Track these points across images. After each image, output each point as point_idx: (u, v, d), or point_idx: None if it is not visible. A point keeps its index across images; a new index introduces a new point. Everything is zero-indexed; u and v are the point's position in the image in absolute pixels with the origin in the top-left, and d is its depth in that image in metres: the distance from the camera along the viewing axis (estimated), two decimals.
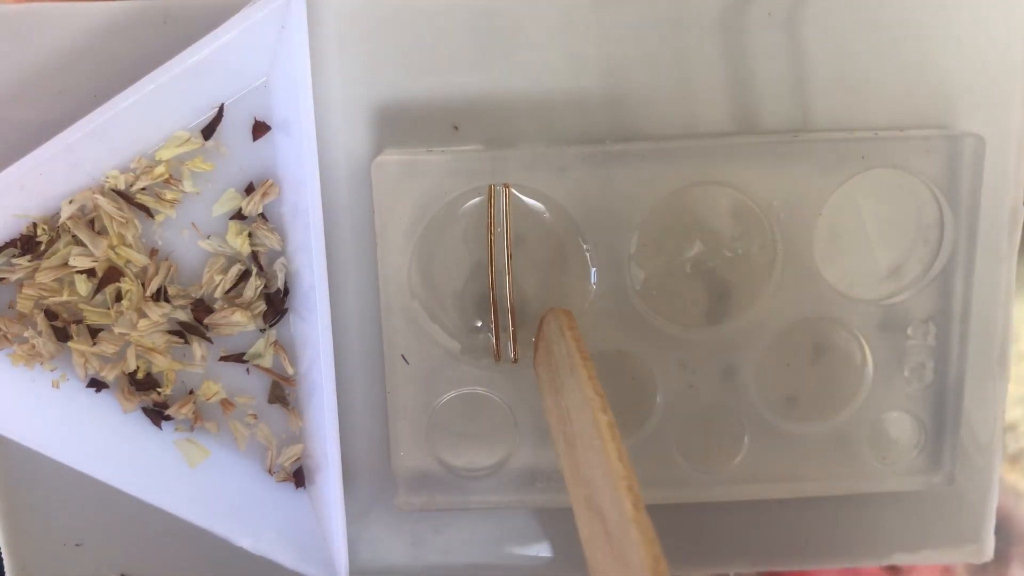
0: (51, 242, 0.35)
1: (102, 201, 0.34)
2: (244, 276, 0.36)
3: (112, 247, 0.35)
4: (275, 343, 0.36)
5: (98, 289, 0.35)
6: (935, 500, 0.37)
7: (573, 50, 0.35)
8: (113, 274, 0.35)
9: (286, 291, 0.36)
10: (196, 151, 0.35)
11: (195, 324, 0.36)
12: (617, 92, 0.35)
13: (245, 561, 0.37)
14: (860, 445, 0.36)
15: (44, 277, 0.35)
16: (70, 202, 0.34)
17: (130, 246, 0.35)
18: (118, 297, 0.35)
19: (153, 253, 0.35)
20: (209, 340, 0.36)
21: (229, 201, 0.35)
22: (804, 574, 0.41)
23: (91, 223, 0.35)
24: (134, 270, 0.35)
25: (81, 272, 0.35)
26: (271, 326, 0.36)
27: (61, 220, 0.34)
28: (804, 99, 0.35)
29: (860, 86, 0.35)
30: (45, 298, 0.35)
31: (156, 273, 0.35)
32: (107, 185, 0.34)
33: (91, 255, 0.35)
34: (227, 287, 0.36)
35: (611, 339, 0.35)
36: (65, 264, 0.35)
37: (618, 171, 0.34)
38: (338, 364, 0.35)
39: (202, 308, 0.36)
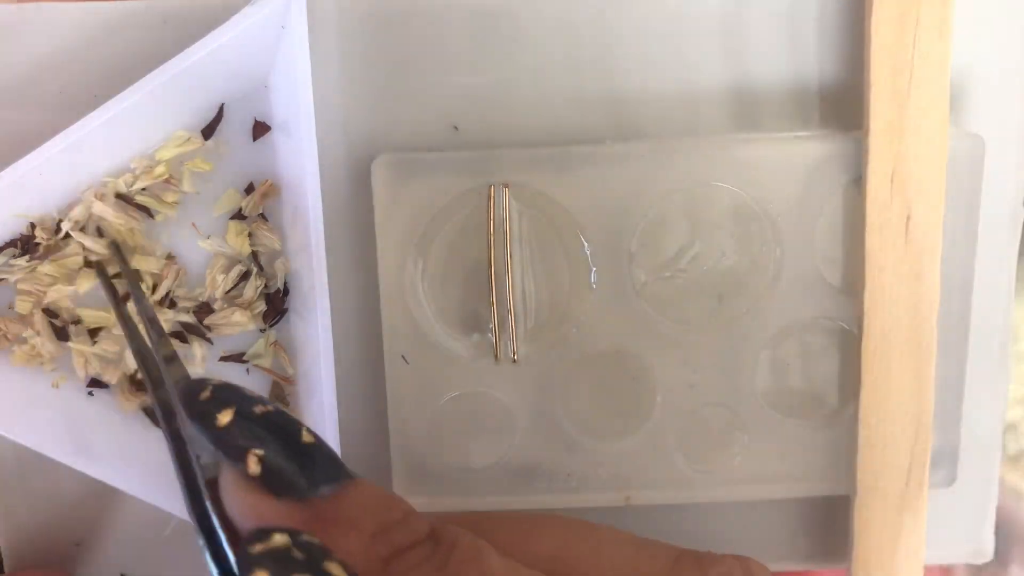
0: (51, 242, 0.35)
1: (102, 203, 0.34)
2: (244, 276, 0.36)
3: None
4: (275, 343, 0.36)
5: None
6: (935, 500, 0.36)
7: (573, 50, 0.35)
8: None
9: (286, 291, 0.36)
10: (196, 151, 0.35)
11: (195, 324, 0.36)
12: (617, 92, 0.35)
13: None
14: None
15: (44, 277, 0.35)
16: (70, 203, 0.34)
17: (134, 248, 0.35)
18: None
19: (170, 259, 0.35)
20: (209, 340, 0.36)
21: (229, 201, 0.35)
22: (804, 574, 0.41)
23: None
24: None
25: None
26: (271, 326, 0.36)
27: (61, 220, 0.34)
28: (804, 99, 0.35)
29: (860, 86, 0.35)
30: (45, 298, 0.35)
31: (165, 277, 0.35)
32: (107, 185, 0.34)
33: (91, 255, 0.34)
34: (227, 287, 0.35)
35: (611, 339, 0.35)
36: (65, 264, 0.35)
37: (618, 171, 0.34)
38: (338, 364, 0.35)
39: (202, 308, 0.36)
